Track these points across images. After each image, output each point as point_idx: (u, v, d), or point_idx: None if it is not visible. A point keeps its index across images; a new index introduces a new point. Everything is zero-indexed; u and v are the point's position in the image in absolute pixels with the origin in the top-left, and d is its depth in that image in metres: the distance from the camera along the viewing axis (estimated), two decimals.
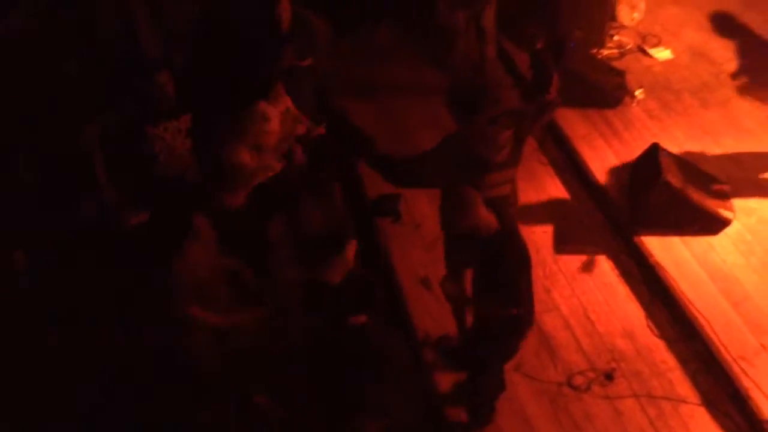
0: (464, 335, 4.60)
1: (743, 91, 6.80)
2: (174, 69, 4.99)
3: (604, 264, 5.65)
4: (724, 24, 7.59)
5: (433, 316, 5.21)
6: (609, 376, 4.88)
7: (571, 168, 6.44)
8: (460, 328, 4.64)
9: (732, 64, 7.13)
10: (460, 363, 4.72)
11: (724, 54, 7.27)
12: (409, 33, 7.64)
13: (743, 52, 7.22)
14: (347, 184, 5.57)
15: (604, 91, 6.83)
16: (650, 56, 7.35)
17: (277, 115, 4.74)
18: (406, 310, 5.29)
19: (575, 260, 5.70)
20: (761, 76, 6.84)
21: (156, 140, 4.71)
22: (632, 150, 6.17)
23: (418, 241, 5.21)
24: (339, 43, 6.57)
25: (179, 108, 4.85)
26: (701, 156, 6.09)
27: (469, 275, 4.07)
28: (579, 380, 4.89)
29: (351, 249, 4.20)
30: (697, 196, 5.48)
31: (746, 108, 6.62)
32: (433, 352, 5.03)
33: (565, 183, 6.35)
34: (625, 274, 5.55)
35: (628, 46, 7.42)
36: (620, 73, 6.94)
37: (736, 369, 4.74)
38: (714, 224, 5.54)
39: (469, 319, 4.39)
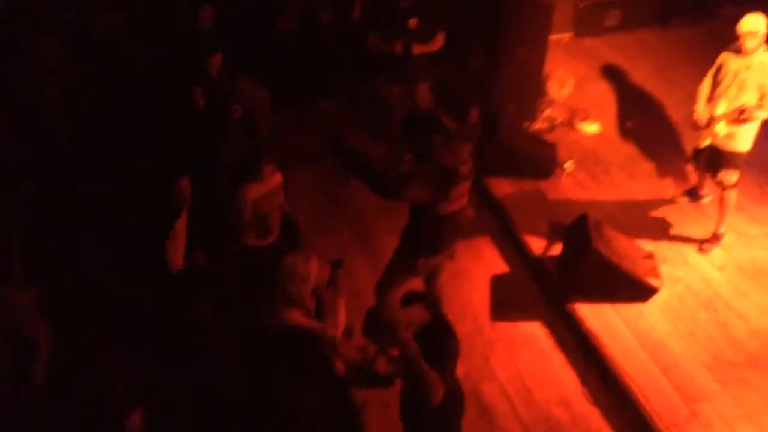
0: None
1: (668, 164, 7.14)
2: None
3: (540, 332, 5.76)
4: (650, 99, 8.02)
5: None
6: None
7: (507, 237, 6.61)
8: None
9: (658, 138, 7.50)
10: None
11: (651, 127, 7.65)
12: (351, 104, 7.87)
13: (668, 126, 7.61)
14: None
15: (537, 162, 7.09)
16: (579, 130, 7.67)
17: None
18: None
19: (512, 327, 5.79)
20: (683, 150, 7.19)
21: None
22: (564, 220, 6.36)
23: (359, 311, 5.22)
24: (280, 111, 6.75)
25: None
26: (629, 226, 6.32)
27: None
28: None
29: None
30: (626, 264, 5.67)
31: (670, 181, 6.94)
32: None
33: (502, 251, 6.51)
34: (561, 342, 5.66)
35: (558, 120, 7.73)
36: (551, 146, 7.22)
37: None
38: (643, 292, 5.73)
39: None
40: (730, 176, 5.84)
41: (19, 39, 6.28)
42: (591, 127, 7.67)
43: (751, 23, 5.47)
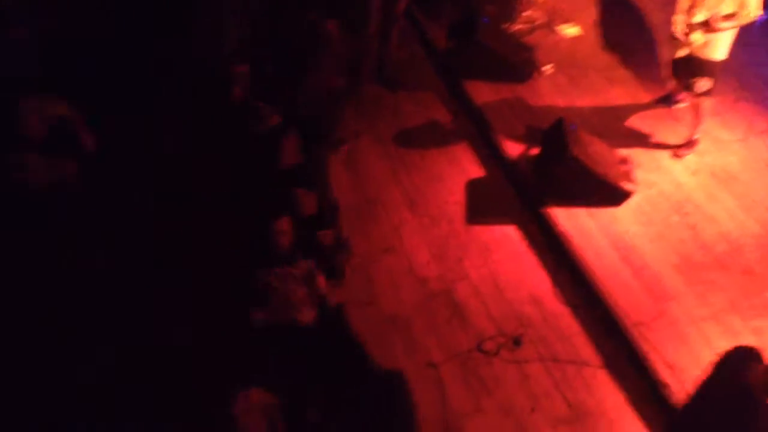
0: None
1: (646, 70, 7.08)
2: None
3: (514, 234, 5.82)
4: (631, 4, 7.88)
5: None
6: (517, 342, 5.04)
7: (483, 141, 6.58)
8: None
9: (637, 43, 7.42)
10: None
11: (631, 32, 7.55)
12: None
13: (647, 32, 7.52)
14: None
15: (515, 65, 6.99)
16: (559, 32, 7.55)
17: None
18: None
19: (487, 230, 5.84)
20: (661, 56, 7.12)
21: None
22: (541, 124, 6.33)
23: None
24: None
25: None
26: (606, 130, 6.32)
27: None
28: (489, 345, 5.04)
29: None
30: (601, 169, 5.69)
31: (647, 87, 6.90)
32: None
33: (478, 155, 6.49)
34: (534, 244, 5.73)
35: (538, 22, 7.59)
36: (530, 49, 7.12)
37: (635, 333, 4.97)
38: (616, 196, 5.78)
39: None
40: (705, 84, 5.80)
41: None
42: (571, 30, 7.56)
43: None
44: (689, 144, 6.19)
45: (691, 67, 5.82)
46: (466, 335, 5.10)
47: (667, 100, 6.64)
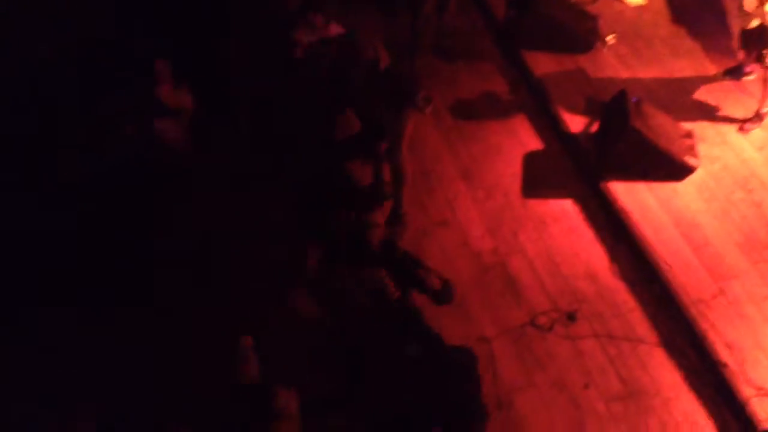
0: None
1: (713, 40, 6.84)
2: None
3: (571, 209, 5.73)
4: None
5: None
6: (571, 317, 5.00)
7: (543, 113, 6.47)
8: None
9: (704, 13, 7.15)
10: None
11: (698, 1, 7.28)
12: None
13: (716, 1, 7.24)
14: None
15: (577, 35, 6.83)
16: (623, 1, 7.33)
17: None
18: None
19: (543, 204, 5.77)
20: (730, 27, 6.87)
21: None
22: (602, 96, 6.20)
23: None
24: None
25: None
26: (670, 103, 6.14)
27: None
28: (542, 320, 5.02)
29: None
30: (663, 142, 5.55)
31: (714, 58, 6.67)
32: None
33: (537, 128, 6.38)
34: (591, 219, 5.64)
35: None
36: (592, 18, 6.93)
37: (693, 311, 4.89)
38: (679, 171, 5.64)
39: None
40: None
41: None
42: None
43: None
44: (757, 118, 5.98)
45: (763, 38, 5.61)
46: (520, 310, 5.08)
47: (735, 72, 6.42)
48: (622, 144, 5.59)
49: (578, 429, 4.48)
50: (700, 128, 5.98)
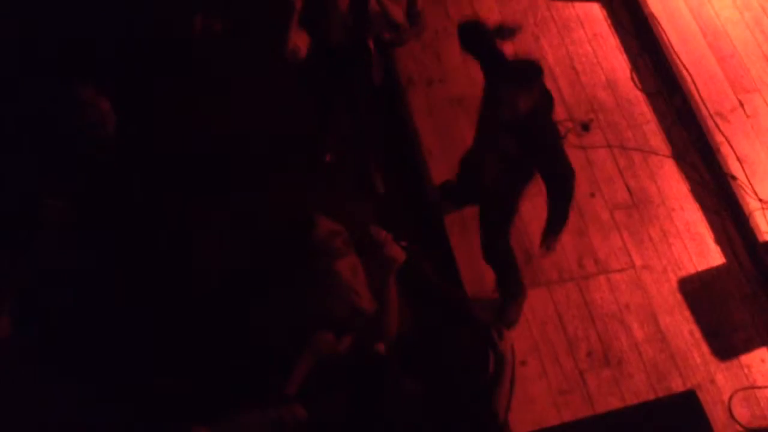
0: None
1: None
2: None
3: (598, 13, 5.51)
4: None
5: None
6: (586, 127, 5.00)
7: None
8: None
9: None
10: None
11: None
12: None
13: None
14: None
15: None
16: None
17: None
18: None
19: (567, 7, 5.55)
20: None
21: None
22: None
23: None
24: None
25: None
26: None
27: None
28: None
29: None
30: None
31: None
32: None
33: None
34: (617, 25, 5.44)
35: None
36: None
37: (710, 124, 4.86)
38: None
39: None
40: None
41: None
42: None
43: None
44: None
45: None
46: None
47: None
48: None
49: (580, 236, 4.62)
50: None
